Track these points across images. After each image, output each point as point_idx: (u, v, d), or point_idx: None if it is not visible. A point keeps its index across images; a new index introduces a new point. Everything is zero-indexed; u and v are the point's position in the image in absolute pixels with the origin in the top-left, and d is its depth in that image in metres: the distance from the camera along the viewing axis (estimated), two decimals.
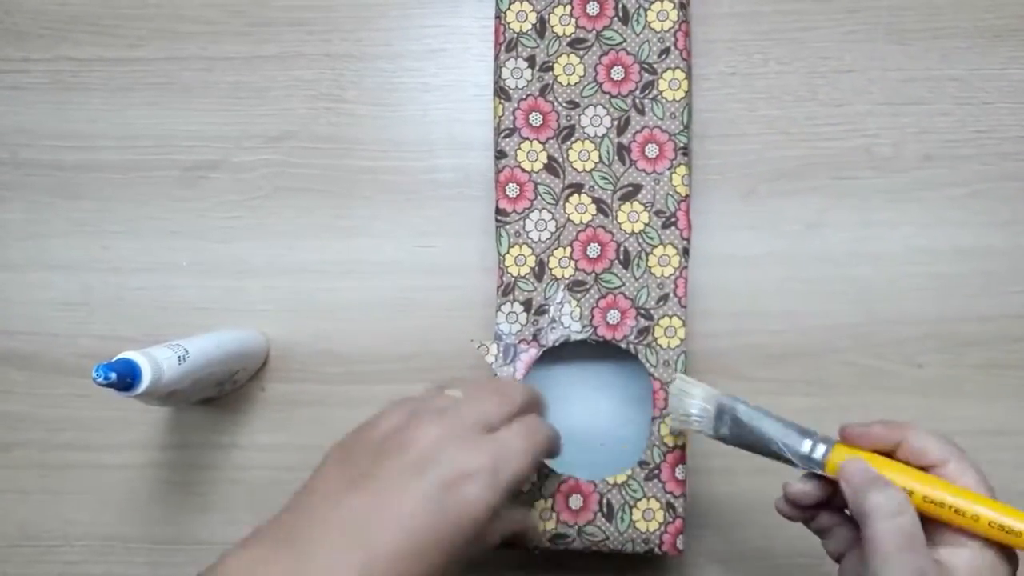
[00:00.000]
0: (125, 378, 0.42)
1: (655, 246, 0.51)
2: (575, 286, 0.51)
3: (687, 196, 0.51)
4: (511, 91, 0.53)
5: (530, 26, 0.53)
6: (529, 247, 0.52)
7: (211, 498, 0.57)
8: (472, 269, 0.57)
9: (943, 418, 0.56)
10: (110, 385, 0.42)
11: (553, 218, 0.52)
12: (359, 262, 0.58)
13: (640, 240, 0.51)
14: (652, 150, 0.52)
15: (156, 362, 0.44)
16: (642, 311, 0.51)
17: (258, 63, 0.59)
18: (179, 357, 0.46)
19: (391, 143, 0.59)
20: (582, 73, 0.52)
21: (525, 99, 0.53)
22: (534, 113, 0.52)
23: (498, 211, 0.52)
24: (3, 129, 0.59)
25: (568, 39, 0.53)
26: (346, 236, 0.58)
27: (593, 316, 0.51)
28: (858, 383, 0.56)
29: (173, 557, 0.57)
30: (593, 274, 0.51)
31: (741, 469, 0.55)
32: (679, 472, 0.50)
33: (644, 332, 0.51)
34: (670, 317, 0.51)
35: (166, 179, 0.59)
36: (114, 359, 0.43)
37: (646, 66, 0.52)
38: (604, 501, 0.50)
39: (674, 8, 0.52)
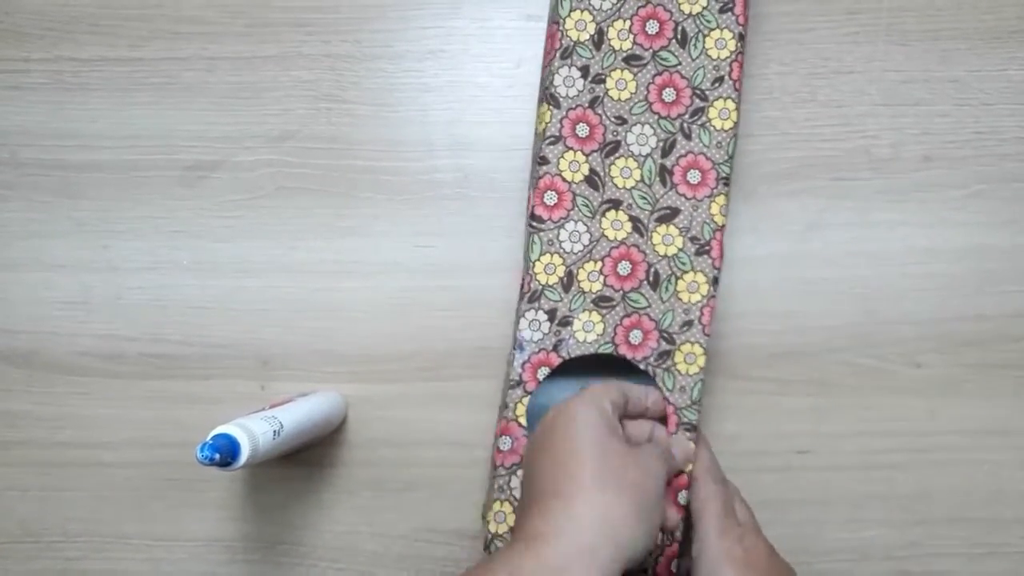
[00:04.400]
0: (226, 457, 0.43)
1: (686, 272, 0.51)
2: (601, 301, 0.51)
3: (723, 226, 0.51)
4: (561, 99, 0.51)
5: (588, 36, 0.52)
6: (560, 257, 0.51)
7: (210, 495, 0.57)
8: (472, 269, 0.57)
9: (942, 418, 0.56)
10: (213, 464, 0.42)
11: (588, 231, 0.51)
12: (359, 262, 0.58)
13: (672, 264, 0.51)
14: (694, 176, 0.51)
15: (254, 437, 0.45)
16: (665, 334, 0.50)
17: (258, 63, 0.59)
18: (275, 432, 0.47)
19: (391, 143, 0.59)
20: (633, 90, 0.52)
21: (574, 108, 0.51)
22: (581, 124, 0.51)
23: (533, 216, 0.51)
24: (3, 129, 0.59)
25: (624, 54, 0.52)
26: (346, 236, 0.58)
27: (616, 333, 0.51)
28: (857, 383, 0.56)
29: (172, 554, 0.57)
30: (621, 291, 0.51)
31: (740, 469, 0.56)
32: (681, 497, 0.50)
33: (664, 355, 0.50)
34: (692, 344, 0.50)
35: (167, 179, 0.59)
36: (214, 434, 0.44)
37: (698, 92, 0.51)
38: None
39: (733, 38, 0.51)
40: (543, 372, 0.51)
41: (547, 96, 0.52)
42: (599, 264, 0.51)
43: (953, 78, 0.57)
